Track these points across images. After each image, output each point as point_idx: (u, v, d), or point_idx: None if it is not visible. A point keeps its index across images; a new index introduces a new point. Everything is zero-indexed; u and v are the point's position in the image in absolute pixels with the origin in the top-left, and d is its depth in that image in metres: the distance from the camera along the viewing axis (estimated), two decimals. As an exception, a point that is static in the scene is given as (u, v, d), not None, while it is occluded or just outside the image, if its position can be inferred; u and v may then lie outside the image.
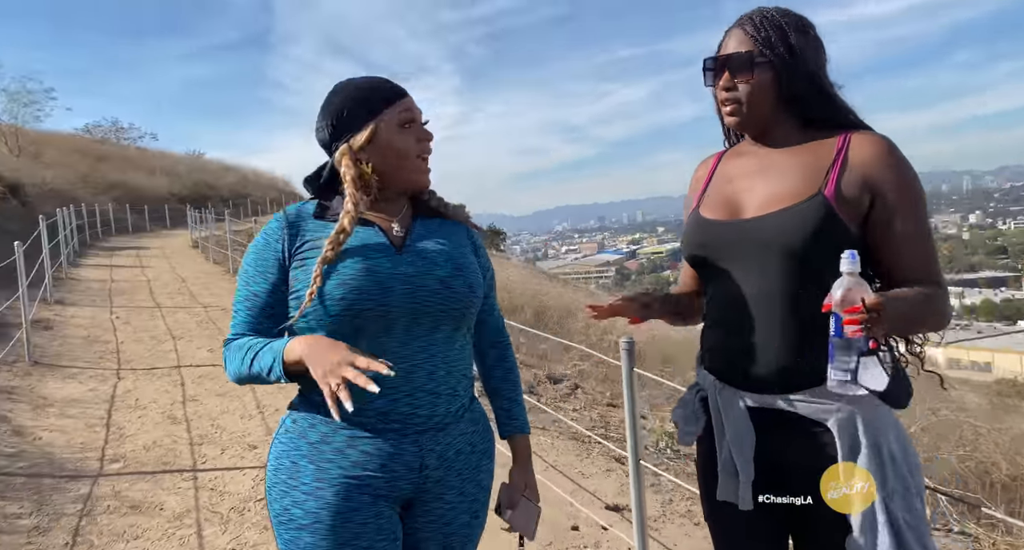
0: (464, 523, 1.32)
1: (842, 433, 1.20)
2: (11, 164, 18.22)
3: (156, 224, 22.94)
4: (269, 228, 1.29)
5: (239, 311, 1.28)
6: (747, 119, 1.32)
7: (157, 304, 8.61)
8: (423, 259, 1.29)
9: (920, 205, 1.23)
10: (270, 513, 1.26)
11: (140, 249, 15.78)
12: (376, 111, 1.26)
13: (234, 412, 4.75)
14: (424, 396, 1.24)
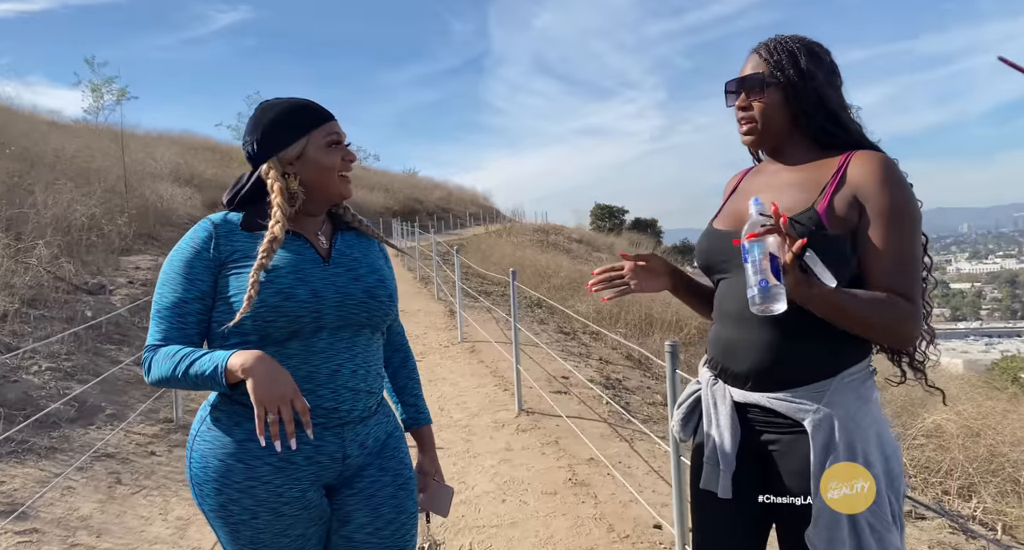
0: (390, 494, 1.41)
1: (816, 433, 1.26)
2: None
3: (371, 234, 25.76)
4: (197, 237, 1.32)
5: (166, 317, 1.28)
6: (760, 136, 1.41)
7: (351, 304, 9.84)
8: (349, 271, 1.39)
9: (906, 223, 1.27)
10: (203, 506, 1.31)
11: (353, 256, 17.89)
12: (306, 130, 1.35)
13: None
14: (347, 393, 1.33)
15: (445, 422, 4.79)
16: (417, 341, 7.58)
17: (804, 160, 1.38)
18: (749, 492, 1.38)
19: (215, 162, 20.72)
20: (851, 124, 1.37)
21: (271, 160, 1.34)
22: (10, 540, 2.88)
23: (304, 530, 1.30)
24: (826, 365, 1.28)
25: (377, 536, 1.39)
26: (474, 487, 3.67)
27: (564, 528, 3.19)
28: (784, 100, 1.36)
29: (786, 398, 1.29)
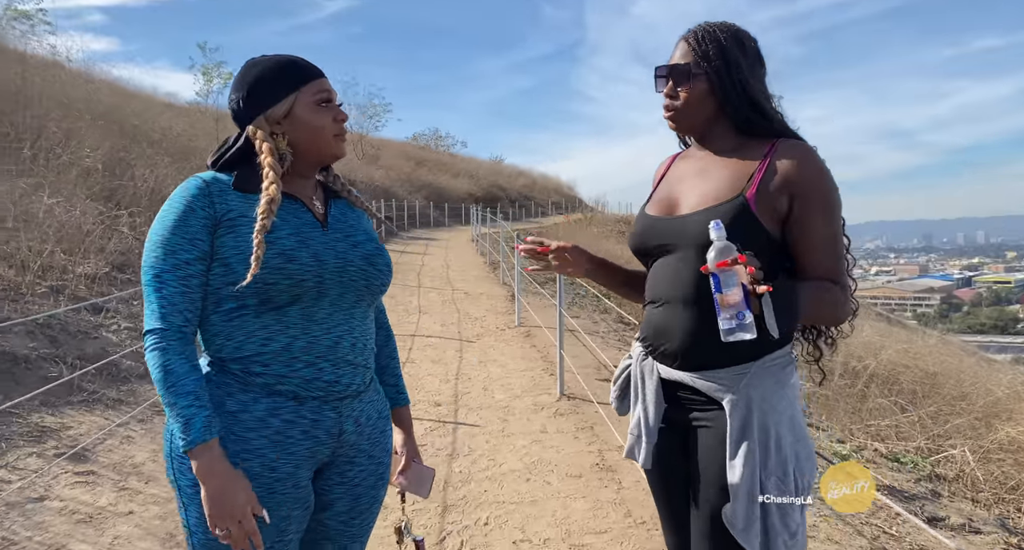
0: (371, 485, 1.39)
1: (734, 412, 1.31)
2: (351, 165, 22.51)
3: (453, 220, 26.28)
4: (191, 195, 1.23)
5: (168, 282, 1.19)
6: (684, 124, 1.45)
7: (419, 283, 10.13)
8: (347, 237, 1.34)
9: (832, 209, 1.33)
10: (181, 480, 1.21)
11: (431, 240, 18.37)
12: (294, 87, 1.28)
13: (436, 376, 5.52)
14: (346, 366, 1.29)
15: (486, 402, 4.86)
16: (475, 323, 7.70)
17: (730, 147, 1.41)
18: (671, 463, 1.45)
19: (309, 145, 21.65)
20: (774, 114, 1.40)
21: (258, 119, 1.28)
22: (68, 479, 3.17)
23: (289, 511, 1.24)
24: (748, 350, 1.31)
25: (349, 524, 1.38)
26: (502, 465, 3.71)
27: (582, 510, 3.18)
28: (710, 90, 1.39)
29: (709, 378, 1.34)
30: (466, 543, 2.86)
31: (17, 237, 5.07)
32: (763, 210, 1.31)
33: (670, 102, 1.43)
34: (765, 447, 1.29)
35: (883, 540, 3.22)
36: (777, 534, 1.27)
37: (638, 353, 1.50)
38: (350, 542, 1.40)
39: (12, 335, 4.15)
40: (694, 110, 1.41)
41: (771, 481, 1.28)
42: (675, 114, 1.43)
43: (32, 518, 2.81)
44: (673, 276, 1.38)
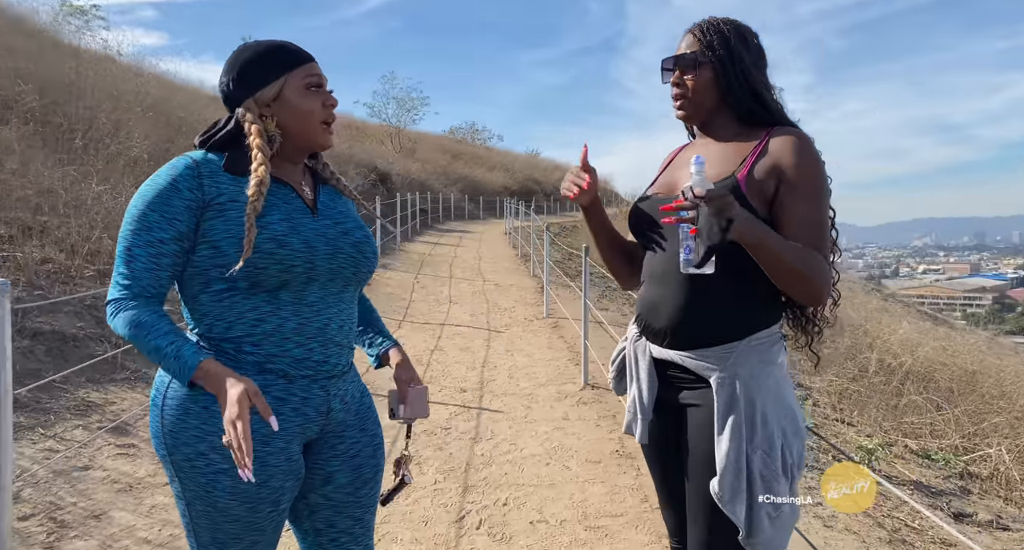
0: (369, 455, 1.43)
1: (720, 390, 1.36)
2: (388, 158, 22.78)
3: (488, 213, 26.38)
4: (179, 174, 1.22)
5: (138, 256, 1.20)
6: (692, 112, 1.51)
7: (451, 275, 10.26)
8: (337, 224, 1.36)
9: (818, 193, 1.38)
10: (173, 456, 1.24)
11: (465, 233, 18.49)
12: (283, 70, 1.29)
13: (463, 363, 5.62)
14: (333, 347, 1.32)
15: (511, 389, 4.94)
16: (504, 313, 7.78)
17: (730, 135, 1.47)
18: (666, 440, 1.51)
19: (349, 137, 21.97)
20: (773, 103, 1.46)
21: (248, 101, 1.28)
22: (111, 451, 3.35)
23: (281, 483, 1.27)
24: (735, 329, 1.38)
25: (355, 495, 1.42)
26: (523, 449, 3.79)
27: (599, 494, 3.23)
28: (714, 78, 1.45)
29: (696, 356, 1.39)
30: (484, 522, 2.94)
31: (68, 223, 5.31)
32: (752, 191, 1.37)
33: (678, 90, 1.50)
34: (751, 422, 1.33)
35: (904, 533, 3.20)
36: (760, 507, 1.31)
37: (633, 333, 1.56)
38: (362, 512, 1.45)
39: (62, 315, 4.37)
40: (700, 97, 1.47)
41: (757, 455, 1.32)
42: (684, 102, 1.50)
43: (77, 485, 2.98)
44: (666, 256, 1.44)
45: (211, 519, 1.25)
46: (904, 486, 4.09)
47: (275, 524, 1.30)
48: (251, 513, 1.25)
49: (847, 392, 6.50)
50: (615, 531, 2.88)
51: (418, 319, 7.31)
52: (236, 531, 1.25)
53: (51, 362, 3.91)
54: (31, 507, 2.75)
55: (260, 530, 1.27)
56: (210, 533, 1.26)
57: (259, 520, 1.26)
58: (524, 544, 2.76)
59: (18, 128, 6.17)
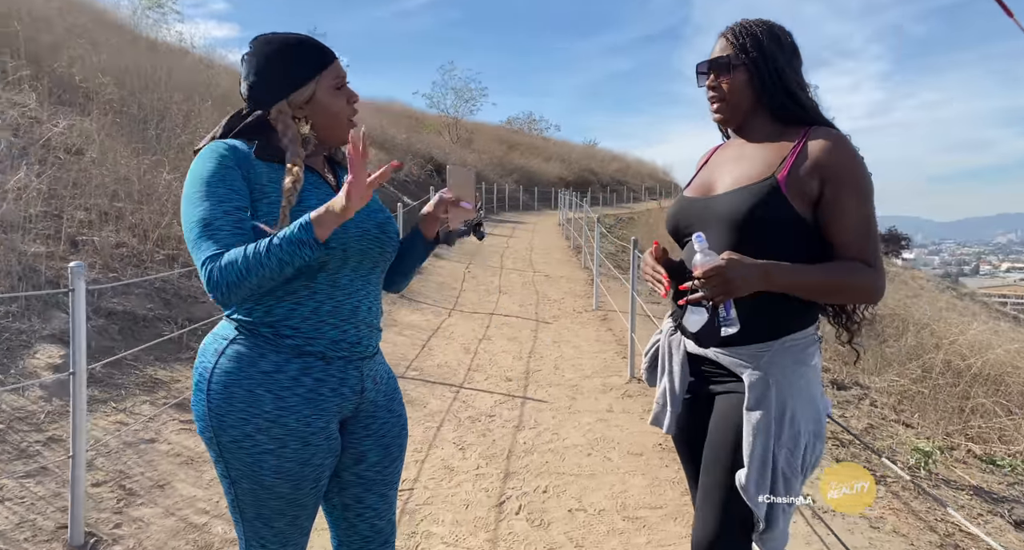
0: (396, 434, 1.51)
1: (752, 386, 1.39)
2: (445, 149, 23.04)
3: (543, 204, 26.36)
4: (223, 156, 1.27)
5: (221, 227, 1.21)
6: (728, 114, 1.53)
7: (502, 265, 10.34)
8: None
9: (863, 193, 1.37)
10: (220, 437, 1.28)
11: (519, 223, 18.55)
12: (314, 72, 1.33)
13: (510, 353, 5.68)
14: (365, 328, 1.38)
15: (556, 380, 4.98)
16: (553, 305, 7.80)
17: (766, 135, 1.48)
18: (695, 430, 1.53)
19: (408, 128, 22.32)
20: (808, 102, 1.46)
21: (281, 103, 1.33)
22: (175, 426, 3.56)
23: (322, 461, 1.34)
24: (769, 330, 1.40)
25: (383, 473, 1.49)
26: (565, 439, 3.83)
27: (639, 486, 3.25)
28: (748, 80, 1.46)
29: (732, 354, 1.42)
30: (524, 508, 3.00)
31: (141, 209, 5.62)
32: (793, 192, 1.37)
33: (715, 93, 1.52)
34: (780, 420, 1.36)
35: (957, 538, 3.10)
36: (779, 503, 1.35)
37: (668, 328, 1.59)
38: (388, 489, 1.52)
39: (133, 296, 4.64)
40: (736, 99, 1.49)
41: (782, 452, 1.35)
42: (720, 105, 1.52)
43: (144, 457, 3.18)
44: None
45: (256, 496, 1.31)
46: (963, 491, 3.94)
47: (315, 499, 1.37)
48: (294, 490, 1.31)
49: (909, 393, 6.27)
50: (653, 523, 2.89)
51: (467, 308, 7.41)
52: (280, 507, 1.32)
53: (123, 341, 4.16)
54: (103, 474, 2.95)
55: (302, 506, 1.34)
56: (255, 509, 1.32)
57: (302, 497, 1.33)
58: (562, 531, 2.80)
59: (98, 119, 6.54)
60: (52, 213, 4.97)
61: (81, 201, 5.31)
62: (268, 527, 1.34)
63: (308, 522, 1.40)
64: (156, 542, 2.57)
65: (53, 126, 5.90)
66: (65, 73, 7.13)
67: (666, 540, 2.75)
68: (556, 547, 2.67)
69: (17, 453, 2.92)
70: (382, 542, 1.53)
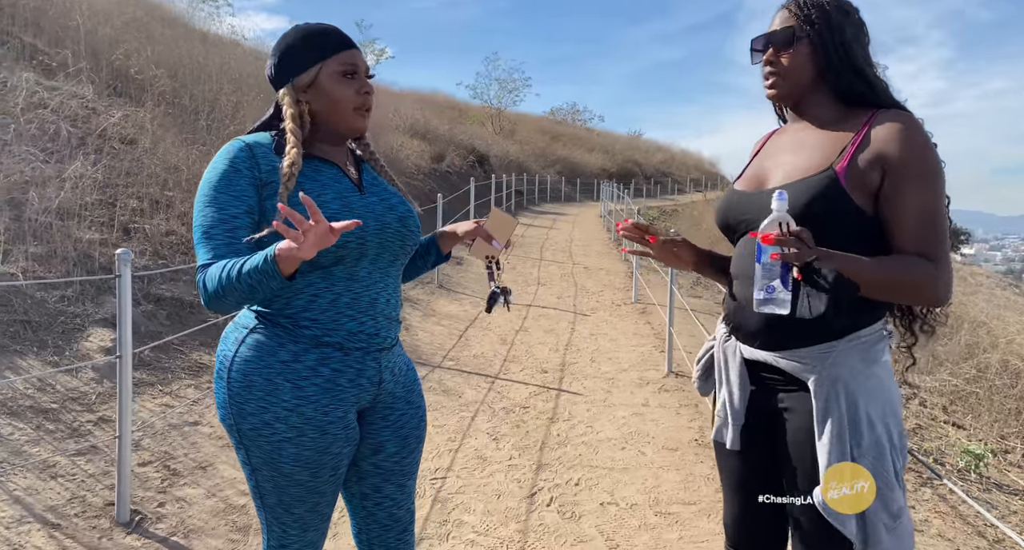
0: (414, 426, 1.52)
1: (819, 392, 1.27)
2: (487, 139, 23.06)
3: (585, 195, 26.21)
4: (235, 156, 1.28)
5: (215, 235, 1.23)
6: (784, 91, 1.40)
7: (541, 257, 10.32)
8: (382, 200, 1.42)
9: (930, 182, 1.24)
10: (240, 425, 1.30)
11: (560, 215, 18.48)
12: (320, 57, 1.33)
13: (547, 345, 5.68)
14: (383, 320, 1.39)
15: (592, 372, 4.95)
16: (592, 297, 7.76)
17: (828, 118, 1.36)
18: (759, 445, 1.42)
19: (451, 119, 22.39)
20: (877, 81, 1.34)
21: (286, 86, 1.35)
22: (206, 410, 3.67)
23: (340, 450, 1.35)
24: (833, 327, 1.26)
25: (401, 464, 1.51)
26: (599, 432, 3.81)
27: (673, 481, 3.21)
28: (811, 54, 1.35)
29: (791, 357, 1.30)
30: (555, 500, 3.00)
31: (189, 198, 5.78)
32: (854, 184, 1.25)
33: (771, 68, 1.40)
34: (856, 427, 1.24)
35: (1008, 543, 2.98)
36: (877, 517, 1.22)
37: (721, 333, 1.48)
38: (406, 480, 1.54)
39: (181, 283, 4.79)
40: (796, 75, 1.37)
41: (866, 461, 1.23)
42: (776, 80, 1.39)
43: (188, 439, 3.29)
44: (750, 252, 1.32)
45: (276, 484, 1.33)
46: (1016, 496, 3.79)
47: (334, 487, 1.40)
48: (313, 478, 1.33)
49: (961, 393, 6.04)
50: (686, 519, 2.86)
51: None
52: (300, 494, 1.34)
53: (170, 326, 4.30)
54: (149, 454, 3.07)
55: (321, 493, 1.37)
56: (276, 496, 1.35)
57: (320, 484, 1.35)
58: (593, 524, 2.79)
59: (151, 110, 6.75)
60: (107, 201, 5.16)
61: (134, 190, 5.50)
62: (288, 513, 1.37)
63: (328, 508, 1.42)
64: (198, 521, 2.65)
65: (109, 117, 6.11)
66: (121, 65, 7.38)
67: (698, 536, 2.72)
68: (587, 540, 2.67)
69: (69, 432, 3.05)
70: (401, 530, 1.55)
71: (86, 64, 6.62)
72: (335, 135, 1.41)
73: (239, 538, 2.58)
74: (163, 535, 2.53)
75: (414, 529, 1.60)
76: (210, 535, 2.58)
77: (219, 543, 2.53)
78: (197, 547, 2.50)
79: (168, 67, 8.04)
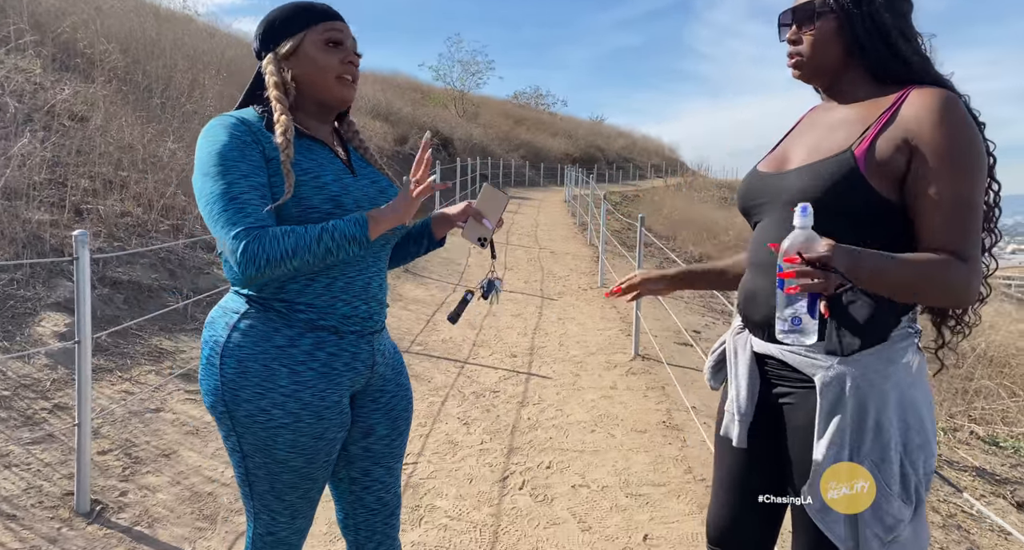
0: (403, 408, 1.52)
1: (825, 391, 1.18)
2: (451, 122, 22.84)
3: (548, 180, 26.21)
4: (236, 130, 1.24)
5: (248, 200, 1.18)
6: (809, 71, 1.30)
7: (507, 241, 10.31)
8: (373, 183, 1.40)
9: (963, 168, 1.11)
10: (234, 412, 1.27)
11: (525, 199, 18.47)
12: (305, 26, 1.31)
13: (515, 329, 5.68)
14: (375, 304, 1.38)
15: (560, 356, 4.97)
16: (558, 282, 7.78)
17: (860, 97, 1.24)
18: (764, 444, 1.34)
19: (414, 101, 22.09)
20: (913, 56, 1.20)
21: (269, 55, 1.32)
22: (180, 396, 3.57)
23: (335, 435, 1.34)
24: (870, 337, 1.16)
25: (391, 446, 1.50)
26: (569, 415, 3.83)
27: (643, 463, 3.25)
28: (838, 29, 1.23)
29: (800, 352, 1.21)
30: (527, 483, 3.01)
31: (145, 178, 5.58)
32: (874, 169, 1.14)
33: (794, 48, 1.30)
34: (860, 428, 1.15)
35: (959, 518, 3.11)
36: (866, 526, 1.14)
37: (736, 325, 1.41)
38: (394, 462, 1.53)
39: (138, 266, 4.63)
40: (821, 54, 1.26)
41: (865, 465, 1.15)
42: (799, 60, 1.29)
43: (150, 426, 3.20)
44: (764, 239, 1.27)
45: (269, 470, 1.31)
46: (966, 472, 3.95)
47: (326, 473, 1.38)
48: (308, 464, 1.32)
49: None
50: (656, 500, 2.90)
51: (472, 284, 7.39)
52: (293, 480, 1.32)
53: (128, 310, 4.16)
54: (109, 443, 2.97)
55: (314, 479, 1.35)
56: (268, 483, 1.32)
57: (314, 470, 1.34)
58: (565, 506, 2.81)
59: (103, 86, 6.47)
60: (57, 180, 4.94)
61: (85, 169, 5.28)
62: (279, 500, 1.34)
63: (317, 495, 1.40)
64: (163, 509, 2.58)
65: (57, 93, 5.84)
66: (69, 39, 7.05)
67: (669, 517, 2.76)
68: (559, 522, 2.69)
69: (23, 420, 2.93)
70: (388, 514, 1.54)
71: (30, 37, 6.30)
72: (320, 107, 1.37)
73: (206, 526, 2.52)
74: (126, 525, 2.46)
75: (400, 513, 1.58)
76: (175, 524, 2.51)
77: (185, 531, 2.47)
78: (162, 536, 2.43)
79: (120, 42, 7.71)
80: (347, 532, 1.55)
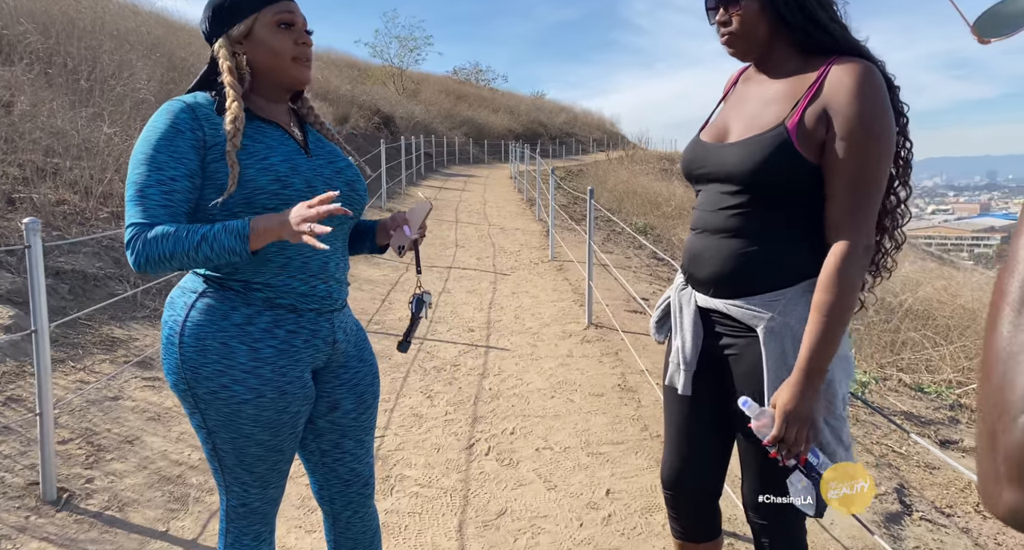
0: (369, 382, 1.54)
1: (768, 339, 1.28)
2: (391, 100, 22.47)
3: (492, 157, 26.17)
4: (177, 117, 1.24)
5: (150, 196, 1.19)
6: (742, 50, 1.37)
7: (456, 219, 10.34)
8: (330, 163, 1.40)
9: (871, 141, 1.19)
10: (194, 390, 1.28)
11: (470, 177, 18.44)
12: (254, 8, 1.30)
13: (471, 305, 5.76)
14: (334, 282, 1.40)
15: (517, 328, 5.09)
16: (510, 257, 7.88)
17: (789, 70, 1.32)
18: (709, 391, 1.46)
19: (351, 79, 21.58)
20: (831, 25, 1.28)
21: (221, 38, 1.31)
22: (138, 383, 3.53)
23: (299, 408, 1.37)
24: (784, 276, 1.29)
25: (358, 420, 1.53)
26: (529, 384, 3.96)
27: (602, 424, 3.41)
28: (761, 9, 1.30)
29: (742, 305, 1.32)
30: (493, 449, 3.12)
31: (80, 165, 5.38)
32: (805, 140, 1.22)
33: (725, 29, 1.36)
34: None
35: (890, 458, 3.38)
36: (834, 450, 1.29)
37: (679, 282, 1.50)
38: (364, 434, 1.56)
39: (81, 255, 4.50)
40: (750, 32, 1.33)
41: (819, 405, 1.25)
42: (731, 39, 1.35)
43: (110, 414, 3.16)
44: (714, 206, 1.37)
45: (236, 445, 1.33)
46: (895, 416, 4.27)
47: (293, 444, 1.42)
48: (273, 437, 1.35)
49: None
50: (616, 457, 3.06)
51: (425, 262, 7.42)
52: (260, 453, 1.35)
53: (74, 300, 4.06)
54: (69, 432, 2.93)
55: (280, 451, 1.39)
56: (235, 457, 1.35)
57: (280, 442, 1.37)
58: (530, 468, 2.94)
59: (25, 70, 6.16)
60: (-16, 170, 4.72)
61: (14, 157, 5.05)
62: (249, 473, 1.37)
63: (287, 466, 1.44)
64: (132, 494, 2.59)
65: (-24, 77, 5.54)
66: (-18, 20, 6.66)
67: (628, 472, 2.92)
68: (526, 483, 2.81)
69: (-23, 415, 2.87)
70: (362, 484, 1.58)
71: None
72: (277, 89, 1.37)
73: (178, 507, 2.55)
74: (96, 510, 2.46)
75: (374, 483, 1.64)
76: (146, 507, 2.53)
77: (157, 513, 2.49)
78: (135, 519, 2.45)
79: (36, 23, 7.31)
80: (323, 503, 1.59)
